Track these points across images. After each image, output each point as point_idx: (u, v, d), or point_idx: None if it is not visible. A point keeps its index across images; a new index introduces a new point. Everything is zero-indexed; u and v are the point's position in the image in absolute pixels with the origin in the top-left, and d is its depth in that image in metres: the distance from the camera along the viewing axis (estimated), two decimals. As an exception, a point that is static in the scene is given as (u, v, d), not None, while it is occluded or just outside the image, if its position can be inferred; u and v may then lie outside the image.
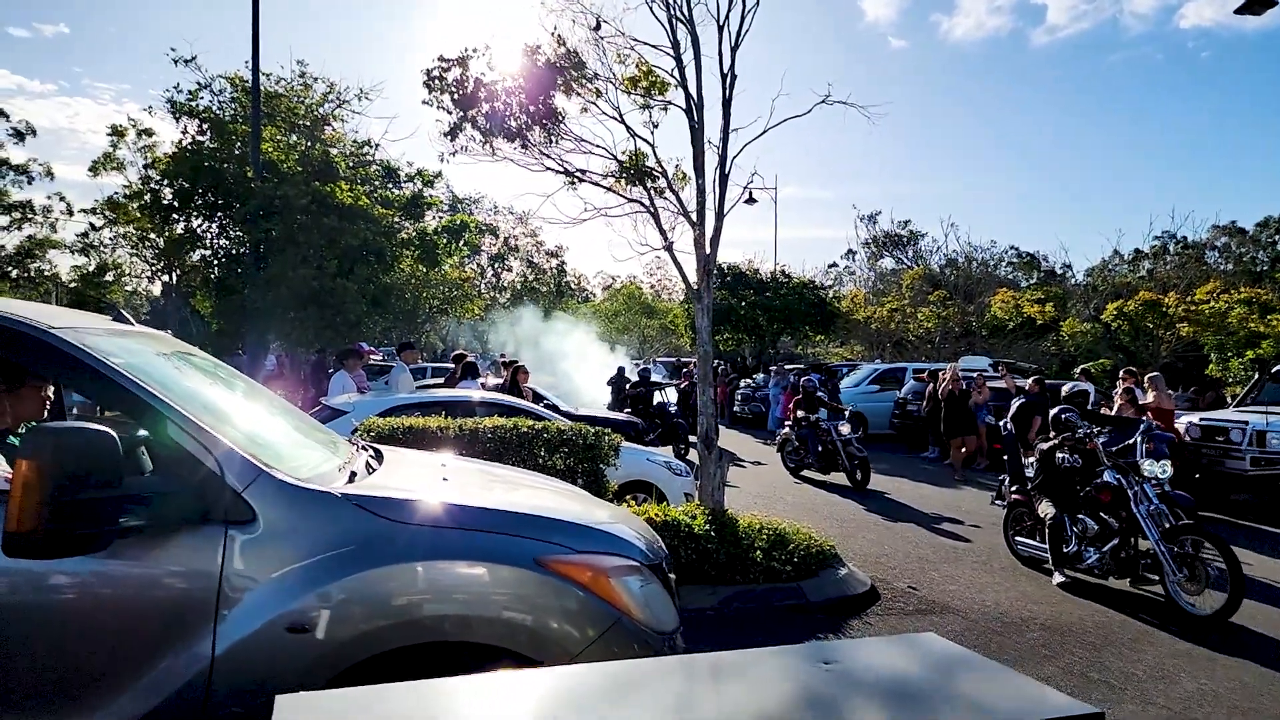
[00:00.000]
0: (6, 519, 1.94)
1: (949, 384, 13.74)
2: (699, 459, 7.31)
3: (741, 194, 7.79)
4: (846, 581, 6.49)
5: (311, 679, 2.31)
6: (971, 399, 13.82)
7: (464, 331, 37.27)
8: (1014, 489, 7.71)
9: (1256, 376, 12.67)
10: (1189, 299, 23.20)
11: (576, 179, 7.57)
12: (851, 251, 45.00)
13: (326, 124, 18.00)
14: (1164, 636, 5.53)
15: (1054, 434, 7.12)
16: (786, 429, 13.30)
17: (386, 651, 2.37)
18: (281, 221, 14.88)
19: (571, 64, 7.35)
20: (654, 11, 7.15)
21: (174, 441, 2.36)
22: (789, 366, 22.94)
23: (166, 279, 26.82)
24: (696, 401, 7.74)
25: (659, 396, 17.32)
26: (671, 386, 18.53)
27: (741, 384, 24.24)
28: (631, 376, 19.22)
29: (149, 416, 2.40)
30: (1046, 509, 6.93)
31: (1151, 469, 6.39)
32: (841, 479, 11.94)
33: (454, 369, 10.74)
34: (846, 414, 12.68)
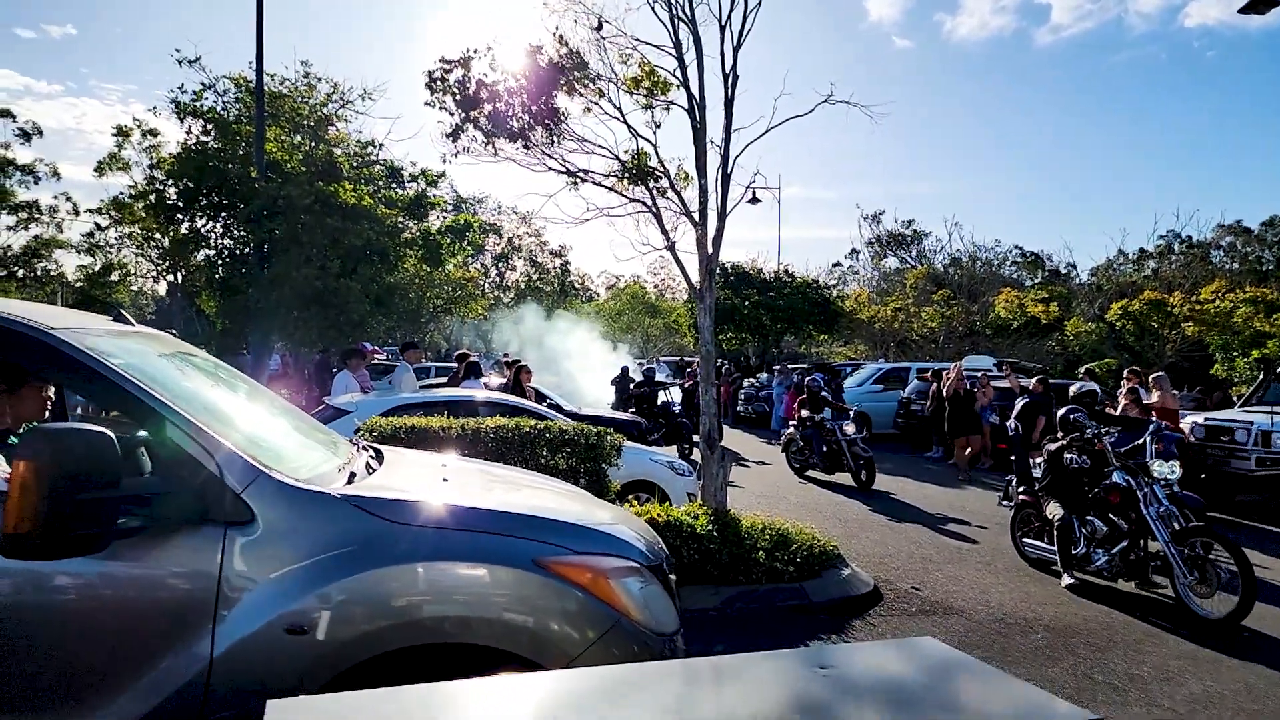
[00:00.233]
0: (4, 520, 1.94)
1: (953, 383, 13.69)
2: (701, 459, 7.30)
3: (744, 194, 7.78)
4: (850, 582, 6.47)
5: (310, 680, 2.31)
6: (976, 399, 13.78)
7: (468, 331, 37.30)
8: (1021, 490, 7.64)
9: (1262, 376, 12.63)
10: (1194, 298, 23.11)
11: (579, 179, 7.57)
12: (855, 251, 44.96)
13: (330, 124, 18.02)
14: (1169, 638, 5.51)
15: (1062, 434, 7.05)
16: (791, 429, 13.26)
17: (386, 653, 2.37)
18: (285, 221, 14.89)
19: (574, 64, 7.35)
20: (656, 12, 7.15)
21: (173, 442, 2.36)
22: (792, 366, 22.91)
23: (171, 279, 26.83)
24: (700, 401, 7.72)
25: (663, 396, 17.30)
26: (676, 386, 18.49)
27: (745, 383, 24.19)
28: (636, 376, 19.21)
29: (148, 417, 2.39)
30: (1054, 510, 6.87)
31: (1161, 470, 6.31)
32: (846, 479, 11.91)
33: (457, 368, 10.75)
34: (851, 414, 12.64)
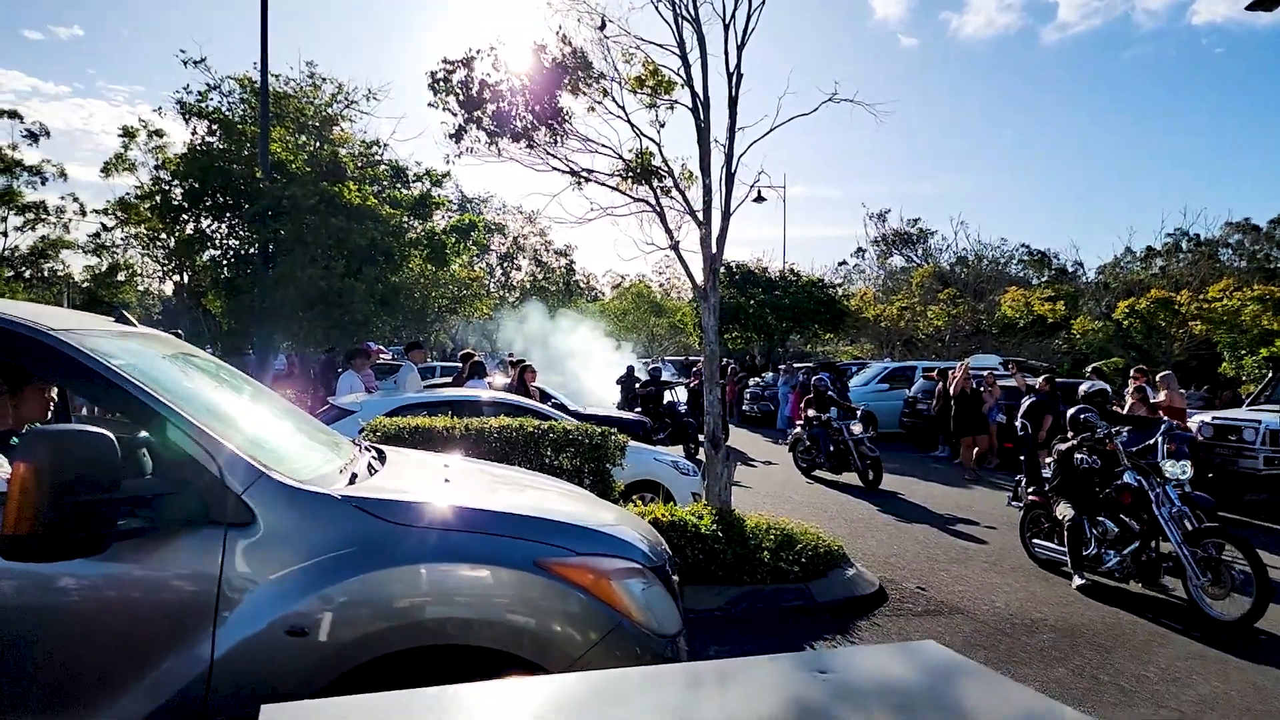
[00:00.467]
0: (4, 522, 1.93)
1: (960, 382, 13.64)
2: (705, 458, 7.28)
3: (748, 193, 7.75)
4: (854, 582, 6.45)
5: (311, 682, 2.30)
6: (983, 398, 13.71)
7: (473, 331, 37.32)
8: (1030, 490, 7.55)
9: (1270, 375, 12.55)
10: (1201, 296, 22.97)
11: (583, 179, 7.56)
12: (861, 250, 44.91)
13: (335, 124, 18.05)
14: (1177, 639, 5.47)
15: (1072, 434, 6.97)
16: (798, 428, 13.22)
17: (387, 654, 2.36)
18: (290, 221, 14.91)
19: (578, 63, 7.34)
20: (660, 11, 7.14)
21: (174, 444, 2.35)
22: (798, 365, 22.87)
23: (178, 279, 26.95)
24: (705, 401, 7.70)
25: (669, 396, 17.27)
26: (681, 385, 18.46)
27: (750, 383, 24.15)
28: (641, 375, 19.20)
29: (149, 419, 2.39)
30: (1065, 511, 6.79)
31: (1173, 470, 6.22)
32: (854, 479, 11.86)
33: (462, 368, 10.75)
34: (859, 413, 12.60)
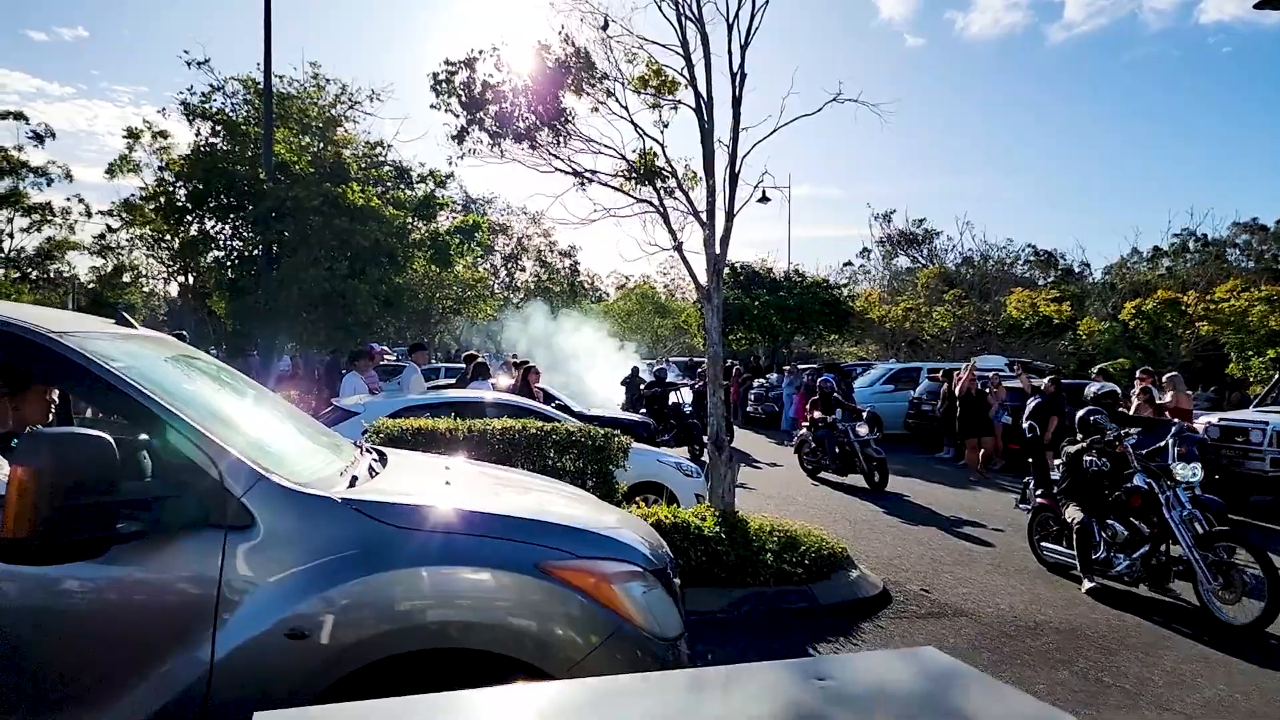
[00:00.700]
0: (2, 525, 1.93)
1: (966, 382, 13.58)
2: (709, 460, 7.27)
3: (752, 193, 7.76)
4: (858, 584, 6.43)
5: (311, 685, 2.30)
6: (989, 400, 13.65)
7: (477, 332, 37.33)
8: (1039, 493, 7.46)
9: (1277, 376, 12.49)
10: (1208, 297, 22.87)
11: (586, 180, 7.55)
12: (866, 250, 44.82)
13: (338, 125, 18.06)
14: (1182, 641, 5.44)
15: (1081, 436, 6.89)
16: (804, 430, 13.20)
17: (386, 658, 2.35)
18: (293, 223, 14.94)
19: (581, 63, 7.33)
20: (663, 11, 7.13)
21: (174, 446, 2.35)
22: (802, 366, 22.82)
23: (183, 280, 27.06)
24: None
25: (674, 397, 17.24)
26: (687, 387, 18.42)
27: (755, 384, 24.11)
28: (646, 376, 19.16)
29: (149, 421, 2.39)
30: (1073, 513, 6.72)
31: (1184, 473, 6.12)
32: (859, 480, 11.83)
33: (465, 369, 10.75)
34: (865, 415, 12.56)
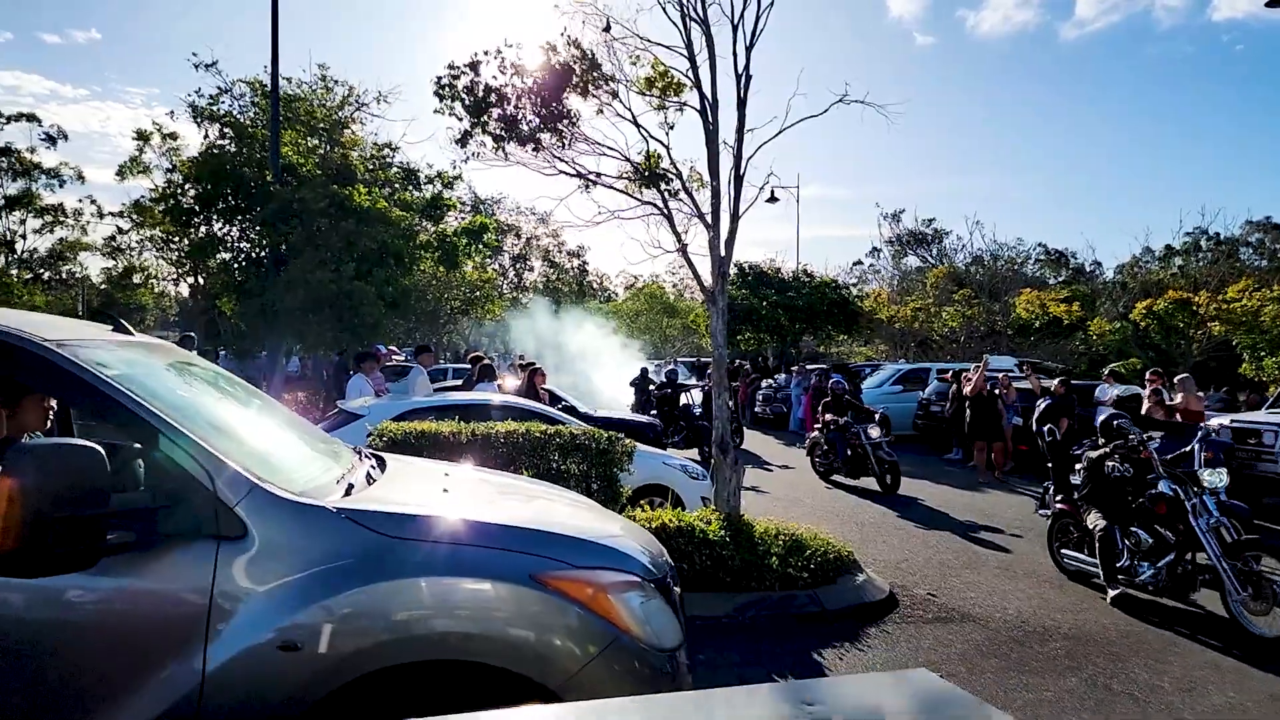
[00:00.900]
0: (-10, 537, 1.92)
1: (977, 382, 13.44)
2: (714, 463, 7.23)
3: (758, 195, 7.69)
4: (864, 588, 6.38)
5: (304, 697, 2.28)
6: (1000, 401, 13.51)
7: (484, 333, 37.36)
8: (1059, 499, 7.24)
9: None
10: (1220, 297, 22.66)
11: (590, 182, 7.52)
12: (876, 250, 44.68)
13: (345, 127, 18.07)
14: (1192, 647, 5.37)
15: (1104, 440, 6.70)
16: (816, 432, 13.12)
17: (380, 669, 2.33)
18: (300, 225, 14.95)
19: (586, 65, 7.30)
20: (667, 12, 7.09)
21: (166, 456, 2.34)
22: (811, 366, 22.70)
23: (192, 281, 27.17)
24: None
25: (684, 398, 17.15)
26: (697, 388, 18.31)
27: (763, 384, 24.01)
28: (655, 377, 19.10)
29: (142, 431, 2.37)
30: (1095, 520, 6.51)
31: (1211, 479, 5.92)
32: (871, 483, 11.72)
33: (471, 371, 10.75)
34: (876, 417, 12.47)
